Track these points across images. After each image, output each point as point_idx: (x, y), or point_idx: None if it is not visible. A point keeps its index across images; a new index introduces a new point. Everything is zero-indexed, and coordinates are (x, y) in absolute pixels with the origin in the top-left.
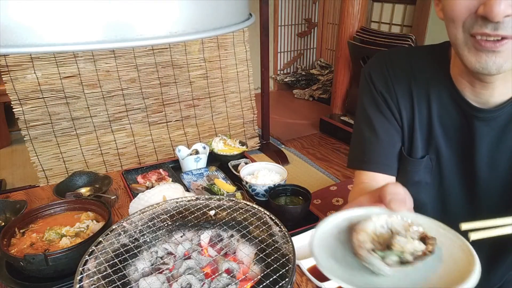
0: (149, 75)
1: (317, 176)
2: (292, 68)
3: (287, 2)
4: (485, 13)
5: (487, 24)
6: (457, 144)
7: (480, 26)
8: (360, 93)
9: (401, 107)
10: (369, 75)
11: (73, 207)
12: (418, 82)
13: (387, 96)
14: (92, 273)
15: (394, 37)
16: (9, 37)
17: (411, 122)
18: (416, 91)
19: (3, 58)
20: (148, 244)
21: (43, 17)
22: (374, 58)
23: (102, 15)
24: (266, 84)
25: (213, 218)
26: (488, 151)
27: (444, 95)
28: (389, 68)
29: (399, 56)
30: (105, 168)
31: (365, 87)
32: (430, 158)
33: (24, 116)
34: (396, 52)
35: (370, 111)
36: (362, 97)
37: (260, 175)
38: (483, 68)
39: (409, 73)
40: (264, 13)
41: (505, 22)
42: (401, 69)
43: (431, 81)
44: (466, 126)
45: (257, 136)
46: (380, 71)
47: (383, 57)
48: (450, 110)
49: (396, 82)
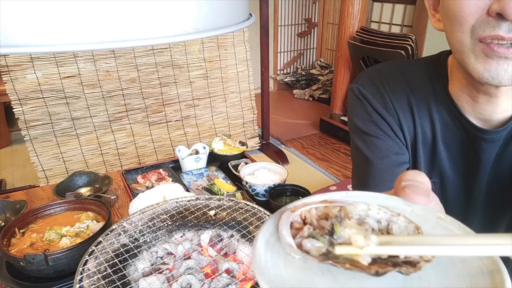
0: (149, 75)
1: (317, 176)
2: (292, 68)
3: (287, 2)
4: (500, 9)
5: (501, 24)
6: (461, 164)
7: (492, 28)
8: (351, 114)
9: (403, 126)
10: (359, 92)
11: (73, 207)
12: (418, 98)
13: (386, 114)
14: (92, 273)
15: (394, 37)
16: (9, 37)
17: (414, 142)
18: (417, 109)
19: (3, 58)
20: (148, 244)
21: (43, 17)
22: (362, 74)
23: (102, 15)
24: (266, 84)
25: (213, 218)
26: (491, 168)
27: (446, 113)
28: (384, 83)
29: (391, 71)
30: (105, 168)
31: (356, 105)
32: (434, 182)
33: (24, 116)
34: (387, 66)
35: (367, 130)
36: (354, 118)
37: (260, 175)
38: (492, 78)
39: (406, 89)
40: (264, 13)
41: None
42: (397, 84)
43: (431, 97)
44: (471, 146)
45: (257, 136)
46: (374, 87)
47: (373, 72)
48: (453, 129)
49: (395, 98)
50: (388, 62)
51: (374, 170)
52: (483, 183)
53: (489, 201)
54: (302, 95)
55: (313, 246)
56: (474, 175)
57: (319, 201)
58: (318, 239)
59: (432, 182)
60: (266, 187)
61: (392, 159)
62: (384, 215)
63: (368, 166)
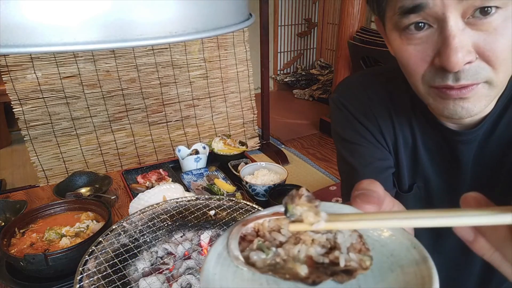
0: (149, 75)
1: (317, 176)
2: (292, 68)
3: (287, 2)
4: (442, 64)
5: (448, 75)
6: (443, 167)
7: (441, 79)
8: (334, 124)
9: (384, 132)
10: (340, 102)
11: (73, 207)
12: (396, 105)
13: (366, 121)
14: (92, 273)
15: None
16: (9, 37)
17: (395, 148)
18: (396, 115)
19: (3, 58)
20: (148, 244)
21: (43, 17)
22: (340, 85)
23: (102, 15)
24: (266, 84)
25: (213, 218)
26: (471, 168)
27: (424, 119)
28: (362, 92)
29: (370, 79)
30: (105, 168)
31: (337, 115)
32: (418, 186)
33: (24, 116)
34: (366, 75)
35: (349, 138)
36: (337, 128)
37: (260, 175)
38: (452, 115)
39: (385, 97)
40: (264, 13)
41: (466, 70)
42: (375, 92)
43: (408, 105)
44: (449, 149)
45: (257, 136)
46: (353, 96)
47: (351, 81)
48: (431, 134)
49: (374, 106)
50: (366, 70)
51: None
52: (466, 184)
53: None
54: (302, 95)
55: (259, 258)
56: (456, 176)
57: (271, 213)
58: (264, 251)
59: (416, 186)
60: (266, 187)
61: (376, 165)
62: None
63: (353, 174)
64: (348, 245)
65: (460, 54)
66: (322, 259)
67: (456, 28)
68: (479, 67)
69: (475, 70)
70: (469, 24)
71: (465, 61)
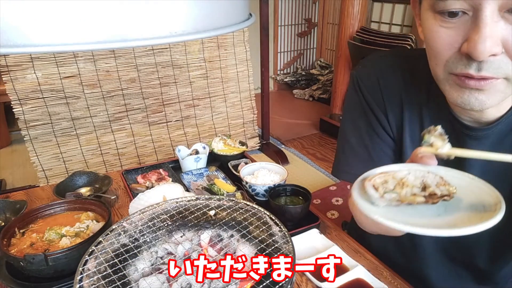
0: (149, 75)
1: (317, 176)
2: (292, 68)
3: (287, 2)
4: (469, 51)
5: (471, 63)
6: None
7: (464, 66)
8: (347, 98)
9: (390, 121)
10: (357, 83)
11: (73, 207)
12: (411, 95)
13: (376, 108)
14: (92, 273)
15: (394, 37)
16: (9, 37)
17: (400, 135)
18: (408, 104)
19: (3, 58)
20: (148, 244)
21: (43, 17)
22: (365, 64)
23: (102, 15)
24: (266, 84)
25: (213, 218)
26: (480, 166)
27: (436, 110)
28: (380, 78)
29: (390, 64)
30: (105, 168)
31: (352, 93)
32: None
33: (24, 116)
34: (388, 58)
35: (356, 119)
36: (349, 103)
37: (260, 175)
38: (464, 104)
39: (400, 85)
40: (264, 13)
41: (489, 62)
42: (392, 80)
43: (423, 93)
44: (457, 142)
45: (257, 136)
46: (370, 81)
47: (374, 62)
48: (441, 124)
49: (387, 94)
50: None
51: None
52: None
53: None
54: (302, 95)
55: (390, 196)
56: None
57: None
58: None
59: None
60: (266, 187)
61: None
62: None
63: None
64: (436, 183)
65: (488, 43)
66: (423, 193)
67: (490, 18)
68: (502, 62)
69: (498, 64)
70: (504, 18)
71: (491, 51)
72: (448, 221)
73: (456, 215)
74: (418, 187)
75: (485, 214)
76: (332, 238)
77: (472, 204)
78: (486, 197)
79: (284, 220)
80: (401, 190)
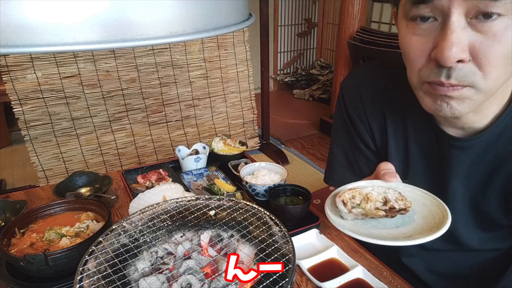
0: (149, 75)
1: (317, 176)
2: (292, 68)
3: (287, 2)
4: (437, 56)
5: (441, 71)
6: (434, 167)
7: (435, 74)
8: (335, 107)
9: (374, 132)
10: (341, 93)
11: (73, 207)
12: (393, 106)
13: (356, 118)
14: (92, 273)
15: (394, 37)
16: (9, 37)
17: (385, 145)
18: (390, 114)
19: (3, 58)
20: (148, 244)
21: (43, 16)
22: (351, 74)
23: (102, 15)
24: (266, 84)
25: (213, 218)
26: (464, 174)
27: (421, 120)
28: (363, 92)
29: (374, 74)
30: (105, 168)
31: (338, 103)
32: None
33: (24, 116)
34: (373, 68)
35: (339, 129)
36: (336, 112)
37: (260, 175)
38: (438, 111)
39: (382, 94)
40: (264, 13)
41: (457, 70)
42: (373, 90)
43: (408, 103)
44: (443, 152)
45: (257, 136)
46: (352, 91)
47: (359, 74)
48: (426, 134)
49: (368, 104)
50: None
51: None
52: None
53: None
54: (302, 95)
55: (357, 211)
56: (446, 177)
57: (348, 189)
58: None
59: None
60: (266, 187)
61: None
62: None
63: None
64: (395, 198)
65: (455, 49)
66: (385, 207)
67: (457, 24)
68: (469, 70)
69: (465, 73)
70: (471, 24)
71: (457, 57)
72: (405, 232)
73: (411, 226)
74: (380, 201)
75: (435, 224)
76: (332, 238)
77: (424, 216)
78: (435, 209)
79: (284, 220)
80: (366, 205)
